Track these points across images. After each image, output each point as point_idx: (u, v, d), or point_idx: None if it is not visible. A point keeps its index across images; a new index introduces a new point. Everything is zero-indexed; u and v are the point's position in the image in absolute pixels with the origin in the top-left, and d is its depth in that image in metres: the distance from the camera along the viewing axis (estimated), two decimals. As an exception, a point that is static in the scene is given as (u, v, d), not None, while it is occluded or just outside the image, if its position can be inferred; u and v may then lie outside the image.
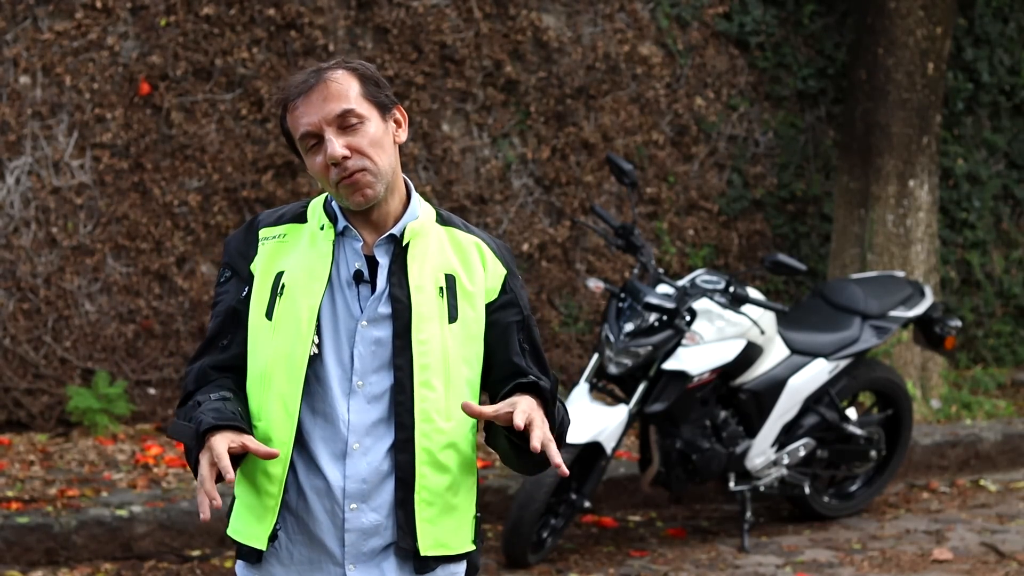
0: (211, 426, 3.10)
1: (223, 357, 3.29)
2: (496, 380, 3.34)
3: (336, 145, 3.16)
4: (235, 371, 3.29)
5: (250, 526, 3.27)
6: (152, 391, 8.31)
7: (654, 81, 9.14)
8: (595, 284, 7.11)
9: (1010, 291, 10.10)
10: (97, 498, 7.07)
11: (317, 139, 3.19)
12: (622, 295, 7.03)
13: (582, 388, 6.94)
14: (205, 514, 3.05)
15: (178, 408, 3.32)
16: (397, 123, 3.27)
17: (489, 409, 3.14)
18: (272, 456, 3.11)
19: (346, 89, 3.19)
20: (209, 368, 3.29)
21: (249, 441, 3.11)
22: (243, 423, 3.16)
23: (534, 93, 8.88)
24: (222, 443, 3.07)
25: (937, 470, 8.48)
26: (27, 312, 8.15)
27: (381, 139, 3.21)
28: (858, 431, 7.52)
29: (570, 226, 9.01)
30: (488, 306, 3.30)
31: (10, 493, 7.10)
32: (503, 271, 3.33)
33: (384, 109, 3.24)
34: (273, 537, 3.24)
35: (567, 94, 8.94)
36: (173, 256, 8.29)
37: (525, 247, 8.92)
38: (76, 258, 8.18)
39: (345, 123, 3.18)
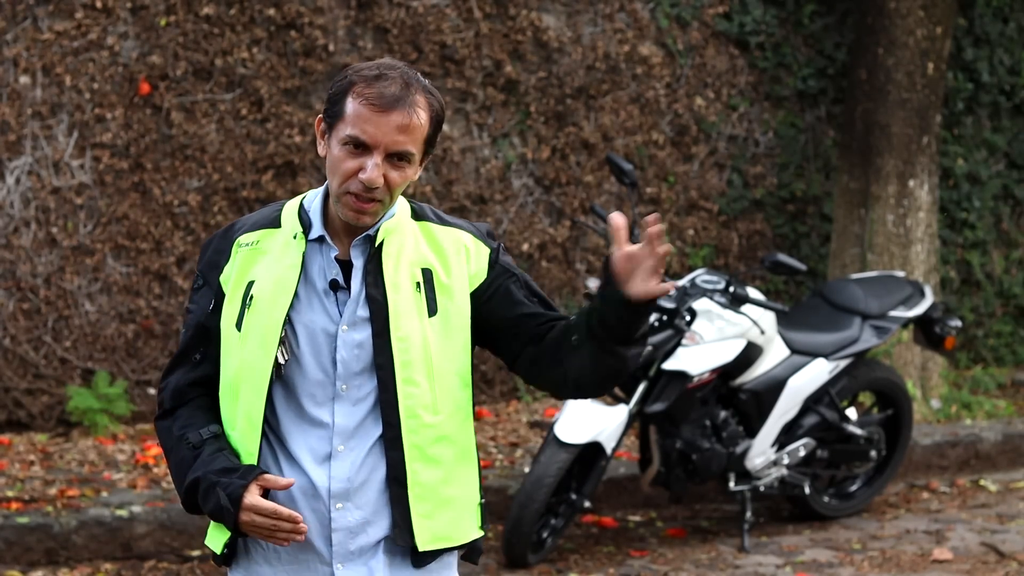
0: (240, 495, 3.16)
1: (197, 374, 3.32)
2: (524, 337, 3.30)
3: (378, 172, 3.13)
4: (209, 385, 3.32)
5: (216, 529, 3.32)
6: (152, 391, 8.31)
7: (654, 81, 9.14)
8: (595, 284, 7.11)
9: (1010, 291, 10.11)
10: (97, 498, 7.07)
11: (363, 148, 3.15)
12: (622, 295, 7.01)
13: (582, 388, 6.93)
14: (301, 536, 3.16)
15: (159, 420, 3.35)
16: (421, 163, 3.27)
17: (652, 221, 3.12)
18: (288, 486, 3.18)
19: (420, 128, 3.17)
20: (186, 386, 3.32)
21: (266, 481, 3.18)
22: (253, 468, 3.21)
23: (534, 93, 8.88)
24: (266, 502, 3.15)
25: (937, 470, 8.48)
26: (27, 312, 8.15)
27: (408, 181, 3.21)
28: (858, 431, 7.52)
29: (570, 226, 9.01)
30: (481, 289, 3.29)
31: (10, 493, 7.10)
32: (487, 250, 3.32)
33: (427, 156, 3.24)
34: (232, 542, 3.27)
35: (567, 94, 8.94)
36: (173, 256, 8.29)
37: (525, 247, 8.92)
38: (76, 258, 8.18)
39: (397, 158, 3.16)
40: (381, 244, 3.23)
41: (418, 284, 3.24)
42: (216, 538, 3.32)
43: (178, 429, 3.28)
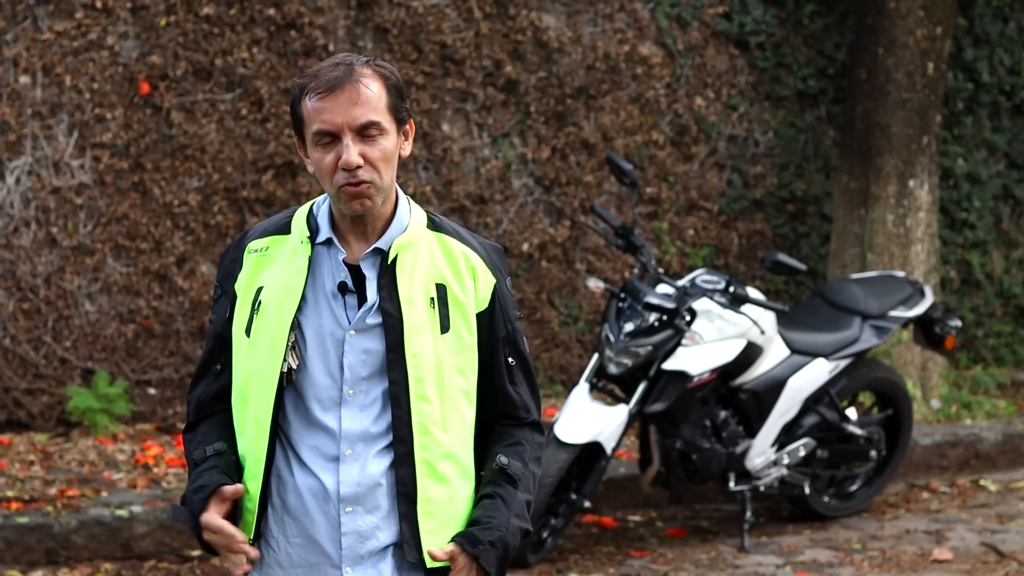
0: (199, 511, 3.21)
1: (219, 384, 3.34)
2: (483, 399, 3.35)
3: (353, 153, 3.14)
4: (230, 394, 3.34)
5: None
6: (152, 391, 8.31)
7: (654, 81, 9.14)
8: (595, 284, 7.11)
9: (1010, 291, 10.11)
10: (97, 498, 7.07)
11: (332, 138, 3.16)
12: (622, 295, 7.02)
13: (582, 388, 6.94)
14: (244, 567, 3.21)
15: (184, 432, 3.39)
16: (405, 136, 3.26)
17: (440, 553, 3.23)
18: (238, 493, 3.21)
19: (376, 98, 3.16)
20: (209, 399, 3.35)
21: (221, 494, 3.21)
22: (225, 478, 3.24)
23: (534, 93, 8.88)
24: (216, 518, 3.19)
25: (937, 470, 8.48)
26: (27, 312, 8.15)
27: (392, 154, 3.20)
28: (858, 431, 7.52)
29: (570, 226, 9.01)
30: (478, 316, 3.30)
31: (10, 493, 7.10)
32: (492, 280, 3.32)
33: (401, 123, 3.23)
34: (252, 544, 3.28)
35: (567, 94, 8.94)
36: (173, 256, 8.29)
37: (525, 247, 8.92)
38: (76, 258, 8.18)
39: (366, 133, 3.16)
40: (395, 258, 3.23)
41: (432, 300, 3.24)
42: None
43: (193, 446, 3.32)
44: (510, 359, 3.34)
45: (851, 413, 7.55)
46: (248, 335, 3.24)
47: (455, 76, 8.72)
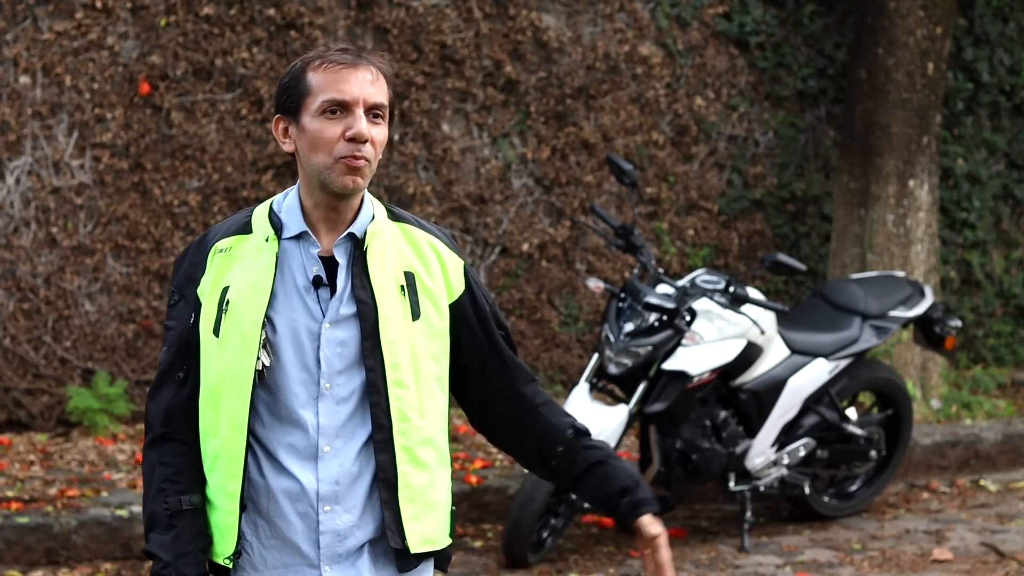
0: None
1: (183, 395, 3.27)
2: (493, 373, 3.36)
3: (365, 124, 3.16)
4: (195, 410, 3.28)
5: (215, 544, 3.28)
6: (152, 391, 8.31)
7: (654, 81, 9.14)
8: (595, 284, 7.11)
9: (1010, 291, 10.11)
10: (97, 498, 7.07)
11: (342, 109, 3.17)
12: (622, 295, 7.03)
13: (582, 388, 6.94)
14: None
15: (149, 444, 3.30)
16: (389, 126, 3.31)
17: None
18: None
19: (385, 86, 3.23)
20: (176, 409, 3.27)
21: None
22: (202, 561, 3.24)
23: (534, 93, 8.88)
24: None
25: (937, 470, 8.48)
26: (27, 312, 8.15)
27: (383, 144, 3.24)
28: (858, 431, 7.52)
29: (570, 226, 9.02)
30: (457, 302, 3.31)
31: (10, 493, 7.10)
32: (460, 262, 3.34)
33: (391, 119, 3.28)
34: (238, 554, 3.26)
35: (567, 94, 8.94)
36: (173, 256, 8.29)
37: (525, 247, 8.92)
38: (76, 258, 8.19)
39: (373, 115, 3.20)
40: (367, 246, 3.23)
41: (402, 287, 3.24)
42: (218, 551, 3.28)
43: (160, 478, 3.25)
44: (500, 331, 3.38)
45: (851, 413, 7.55)
46: (217, 335, 3.21)
47: (455, 76, 8.72)
